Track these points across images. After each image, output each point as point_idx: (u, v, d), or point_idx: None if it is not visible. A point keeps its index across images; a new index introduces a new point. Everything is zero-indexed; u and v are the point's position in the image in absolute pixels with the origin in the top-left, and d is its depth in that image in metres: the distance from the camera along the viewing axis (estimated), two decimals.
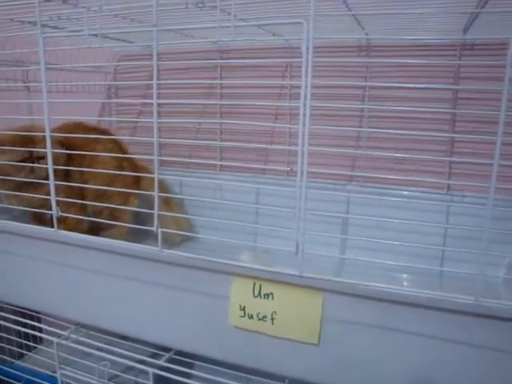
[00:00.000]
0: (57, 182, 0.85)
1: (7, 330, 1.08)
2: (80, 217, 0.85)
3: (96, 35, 0.69)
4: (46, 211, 0.82)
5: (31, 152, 0.93)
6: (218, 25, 0.62)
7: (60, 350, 0.90)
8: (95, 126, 1.18)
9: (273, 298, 0.66)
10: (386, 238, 0.98)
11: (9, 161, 0.91)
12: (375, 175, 0.97)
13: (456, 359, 0.61)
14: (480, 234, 0.57)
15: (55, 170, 0.90)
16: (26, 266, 0.88)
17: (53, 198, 0.79)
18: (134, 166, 1.16)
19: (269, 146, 1.27)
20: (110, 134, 1.16)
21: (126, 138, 1.40)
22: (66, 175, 0.96)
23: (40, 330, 1.03)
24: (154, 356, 0.92)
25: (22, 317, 1.03)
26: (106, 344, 0.90)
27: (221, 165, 1.32)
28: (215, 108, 1.32)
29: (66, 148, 0.97)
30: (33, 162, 0.93)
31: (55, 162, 0.92)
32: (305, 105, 0.59)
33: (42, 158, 0.93)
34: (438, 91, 1.09)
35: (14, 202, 0.96)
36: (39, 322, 1.17)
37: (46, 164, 0.84)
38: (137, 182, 1.13)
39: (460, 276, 0.62)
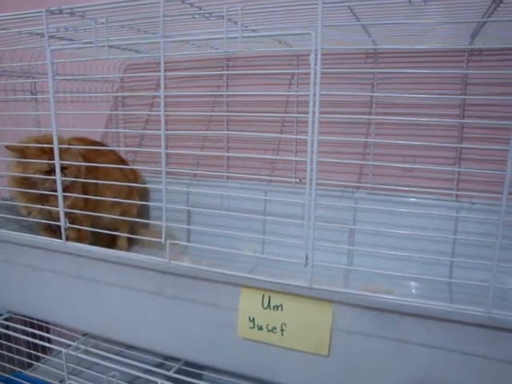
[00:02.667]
0: (71, 194, 0.86)
1: (16, 339, 1.08)
2: (89, 229, 0.85)
3: (103, 46, 0.69)
4: (56, 222, 0.82)
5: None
6: (225, 35, 0.62)
7: (68, 359, 0.90)
8: (96, 140, 1.21)
9: (282, 309, 0.66)
10: (395, 244, 0.98)
11: (36, 172, 0.91)
12: (383, 186, 0.96)
13: (466, 371, 0.60)
14: (490, 240, 0.56)
15: (76, 182, 0.91)
16: (34, 277, 0.88)
17: (61, 210, 0.79)
18: (132, 172, 1.20)
19: (277, 157, 1.26)
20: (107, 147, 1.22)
21: (134, 149, 1.42)
22: (83, 188, 0.97)
23: (49, 340, 1.03)
24: (163, 365, 0.92)
25: (31, 327, 1.03)
26: (114, 354, 0.90)
27: (228, 173, 1.32)
28: (222, 115, 1.31)
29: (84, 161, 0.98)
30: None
31: (77, 174, 0.93)
32: (314, 113, 0.59)
33: (64, 168, 0.92)
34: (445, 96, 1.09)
35: (33, 212, 0.96)
36: (48, 332, 1.17)
37: (70, 174, 0.85)
38: (134, 191, 1.17)
39: (470, 282, 0.61)
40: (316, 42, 0.56)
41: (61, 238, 0.81)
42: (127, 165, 1.26)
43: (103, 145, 1.21)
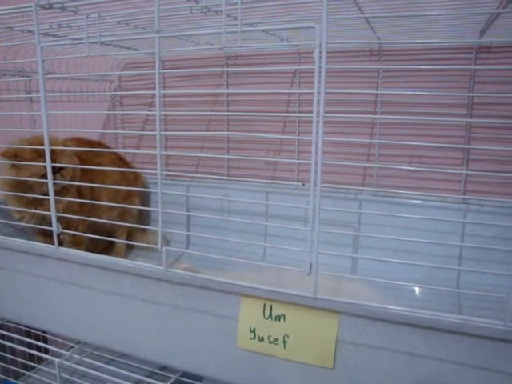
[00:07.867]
0: (65, 198, 0.83)
1: (11, 348, 1.04)
2: (82, 234, 0.82)
3: (96, 43, 0.66)
4: (49, 227, 0.78)
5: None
6: (224, 30, 0.58)
7: (62, 369, 0.86)
8: (93, 139, 1.16)
9: (285, 319, 0.62)
10: (401, 247, 0.95)
11: (31, 175, 0.87)
12: (388, 190, 0.93)
13: None
14: (498, 244, 0.53)
15: (70, 186, 0.87)
16: (26, 283, 0.85)
17: (53, 214, 0.75)
18: (131, 171, 1.17)
19: (281, 159, 1.23)
20: (105, 146, 1.17)
21: (130, 151, 1.39)
22: (78, 190, 0.94)
23: (46, 349, 0.99)
24: (159, 375, 0.89)
25: (27, 335, 1.00)
26: (110, 361, 0.87)
27: (229, 173, 1.29)
28: (222, 115, 1.28)
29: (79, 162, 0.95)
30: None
31: (73, 176, 0.89)
32: (318, 112, 0.56)
33: (60, 170, 0.88)
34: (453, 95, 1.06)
35: (26, 217, 0.93)
36: (45, 339, 1.13)
37: (66, 176, 0.82)
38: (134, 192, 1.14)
39: (475, 288, 0.58)
40: (321, 36, 0.52)
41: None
42: (127, 164, 1.22)
43: (101, 144, 1.17)
